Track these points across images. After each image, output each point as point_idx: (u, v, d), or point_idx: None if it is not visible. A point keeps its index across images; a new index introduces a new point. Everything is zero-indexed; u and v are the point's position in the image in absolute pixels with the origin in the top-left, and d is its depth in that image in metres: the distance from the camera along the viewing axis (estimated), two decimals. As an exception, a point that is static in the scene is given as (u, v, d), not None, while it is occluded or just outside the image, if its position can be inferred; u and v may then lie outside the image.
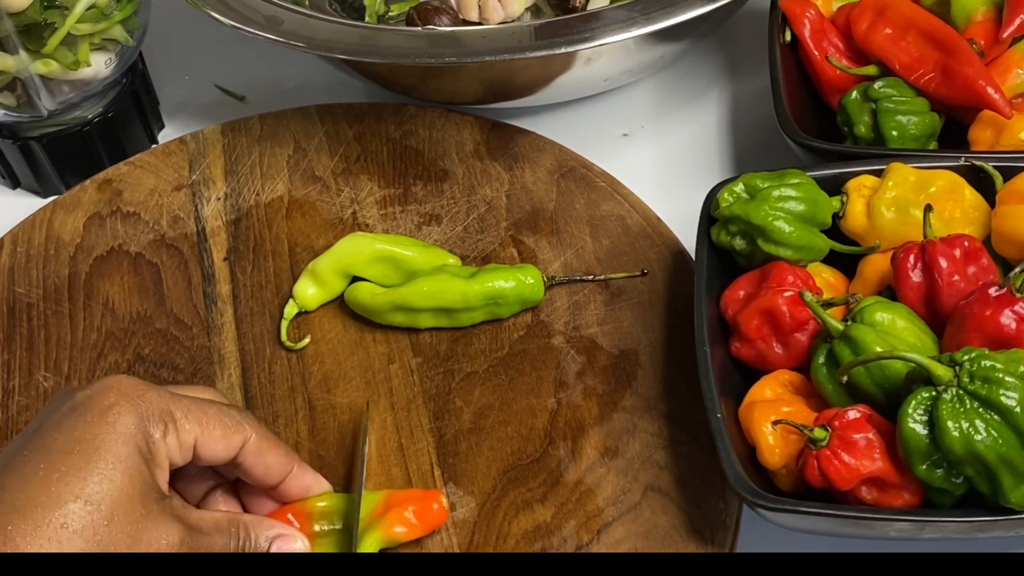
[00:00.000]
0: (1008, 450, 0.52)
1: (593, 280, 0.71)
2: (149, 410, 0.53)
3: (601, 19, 0.71)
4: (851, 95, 0.72)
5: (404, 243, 0.72)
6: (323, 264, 0.72)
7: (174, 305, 0.74)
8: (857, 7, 0.76)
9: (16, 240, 0.78)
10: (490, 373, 0.69)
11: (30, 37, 0.75)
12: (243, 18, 0.74)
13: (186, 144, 0.83)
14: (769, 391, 0.62)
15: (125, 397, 0.53)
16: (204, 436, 0.55)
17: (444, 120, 0.82)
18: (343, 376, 0.70)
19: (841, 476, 0.56)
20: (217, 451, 0.56)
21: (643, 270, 0.69)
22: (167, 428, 0.54)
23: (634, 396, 0.67)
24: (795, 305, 0.62)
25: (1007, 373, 0.53)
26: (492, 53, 0.71)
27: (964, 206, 0.64)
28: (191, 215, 0.79)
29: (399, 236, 0.74)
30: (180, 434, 0.54)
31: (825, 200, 0.65)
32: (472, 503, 0.63)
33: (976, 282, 0.60)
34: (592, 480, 0.64)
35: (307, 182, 0.80)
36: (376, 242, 0.72)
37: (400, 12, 0.90)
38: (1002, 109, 0.68)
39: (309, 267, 0.72)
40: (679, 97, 0.88)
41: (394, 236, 0.74)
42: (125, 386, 0.53)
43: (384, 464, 0.65)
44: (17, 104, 0.79)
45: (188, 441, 0.55)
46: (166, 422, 0.54)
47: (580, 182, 0.78)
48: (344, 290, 0.72)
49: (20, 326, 0.73)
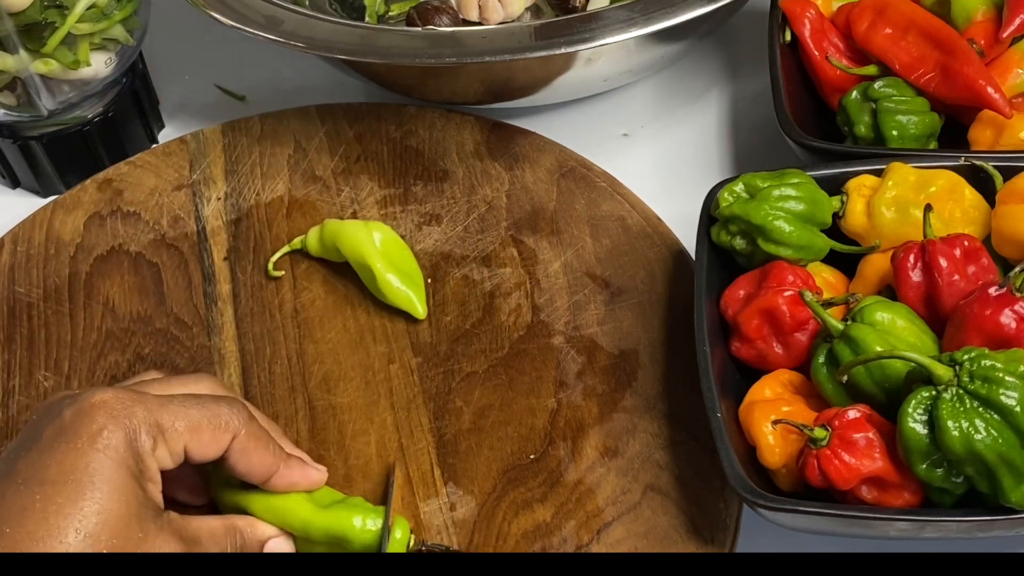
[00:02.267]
0: (1008, 450, 0.52)
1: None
2: (137, 426, 0.53)
3: (601, 19, 0.71)
4: (851, 95, 0.72)
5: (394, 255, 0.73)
6: (330, 229, 0.73)
7: (174, 305, 0.74)
8: (857, 7, 0.76)
9: (16, 240, 0.78)
10: (490, 373, 0.69)
11: (30, 37, 0.75)
12: (243, 18, 0.74)
13: (186, 144, 0.83)
14: (769, 391, 0.62)
15: (112, 418, 0.53)
16: (193, 441, 0.55)
17: (444, 120, 0.82)
18: (343, 376, 0.70)
19: (841, 476, 0.56)
20: (207, 452, 0.56)
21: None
22: (156, 441, 0.54)
23: (634, 396, 0.67)
24: (795, 305, 0.62)
25: (1007, 373, 0.53)
26: (492, 53, 0.71)
27: (964, 206, 0.64)
28: (191, 215, 0.79)
29: (395, 242, 0.74)
30: (170, 443, 0.54)
31: (825, 200, 0.65)
32: (472, 503, 0.64)
33: (976, 282, 0.60)
34: (592, 480, 0.64)
35: (307, 182, 0.80)
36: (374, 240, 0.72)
37: (400, 12, 0.90)
38: (1002, 109, 0.68)
39: (325, 224, 0.74)
40: (679, 97, 0.88)
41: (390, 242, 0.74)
42: (111, 404, 0.53)
43: (384, 464, 0.65)
44: (17, 104, 0.79)
45: (178, 449, 0.55)
46: (155, 436, 0.54)
47: (580, 182, 0.78)
48: (343, 260, 0.73)
49: (20, 326, 0.73)
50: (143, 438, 0.53)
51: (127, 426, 0.53)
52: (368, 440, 0.66)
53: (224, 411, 0.57)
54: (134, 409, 0.53)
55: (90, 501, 0.51)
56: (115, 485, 0.51)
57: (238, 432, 0.56)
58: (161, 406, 0.55)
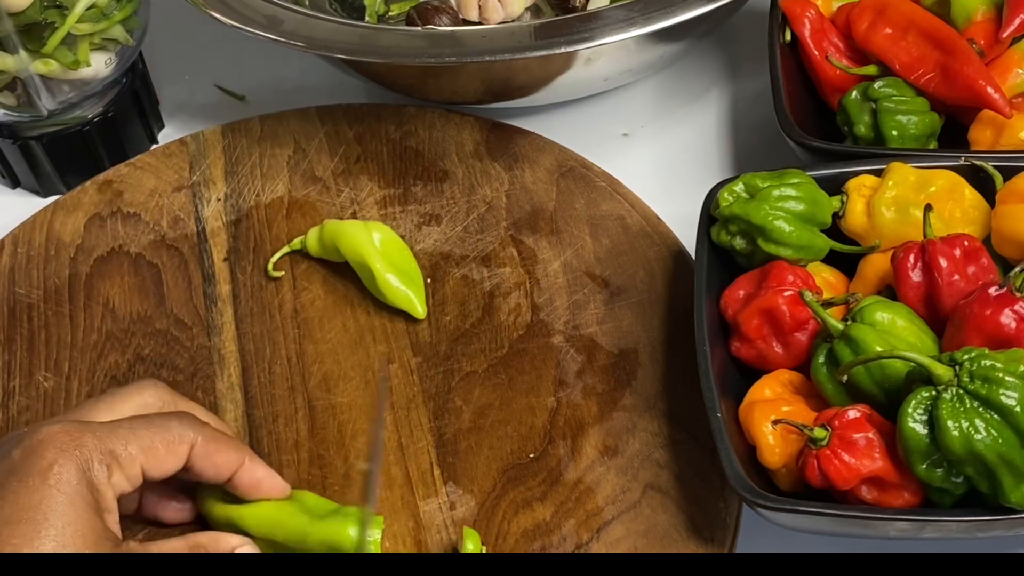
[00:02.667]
0: (1008, 450, 0.52)
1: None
2: (88, 458, 0.53)
3: (601, 19, 0.71)
4: (851, 95, 0.72)
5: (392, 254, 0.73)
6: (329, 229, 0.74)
7: (174, 305, 0.74)
8: (857, 7, 0.76)
9: (16, 241, 0.78)
10: (490, 372, 0.69)
11: (30, 37, 0.75)
12: (243, 18, 0.74)
13: (186, 145, 0.83)
14: (769, 391, 0.62)
15: (62, 452, 0.52)
16: (149, 459, 0.55)
17: (444, 120, 0.82)
18: (343, 376, 0.70)
19: (841, 476, 0.56)
20: (166, 468, 0.56)
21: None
22: (111, 468, 0.53)
23: (634, 395, 0.67)
24: (795, 305, 0.62)
25: (1007, 373, 0.53)
26: (492, 53, 0.71)
27: (964, 206, 0.64)
28: (191, 216, 0.79)
29: (395, 243, 0.74)
30: (125, 469, 0.54)
31: (825, 200, 0.65)
32: (472, 502, 0.64)
33: (976, 282, 0.60)
34: (592, 479, 0.64)
35: (307, 182, 0.80)
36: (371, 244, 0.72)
37: (400, 12, 0.90)
38: (1002, 109, 0.68)
39: (325, 224, 0.74)
40: (679, 97, 0.88)
41: (389, 244, 0.73)
42: (59, 438, 0.53)
43: (384, 463, 0.65)
44: (17, 104, 0.79)
45: (135, 472, 0.55)
46: (108, 464, 0.53)
47: (580, 182, 0.78)
48: (343, 260, 0.73)
49: (20, 327, 0.73)
50: (96, 468, 0.53)
51: (78, 458, 0.52)
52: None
53: (174, 425, 0.56)
54: (83, 439, 0.53)
55: (46, 539, 0.50)
56: (69, 520, 0.51)
57: (195, 441, 0.56)
58: (110, 432, 0.54)
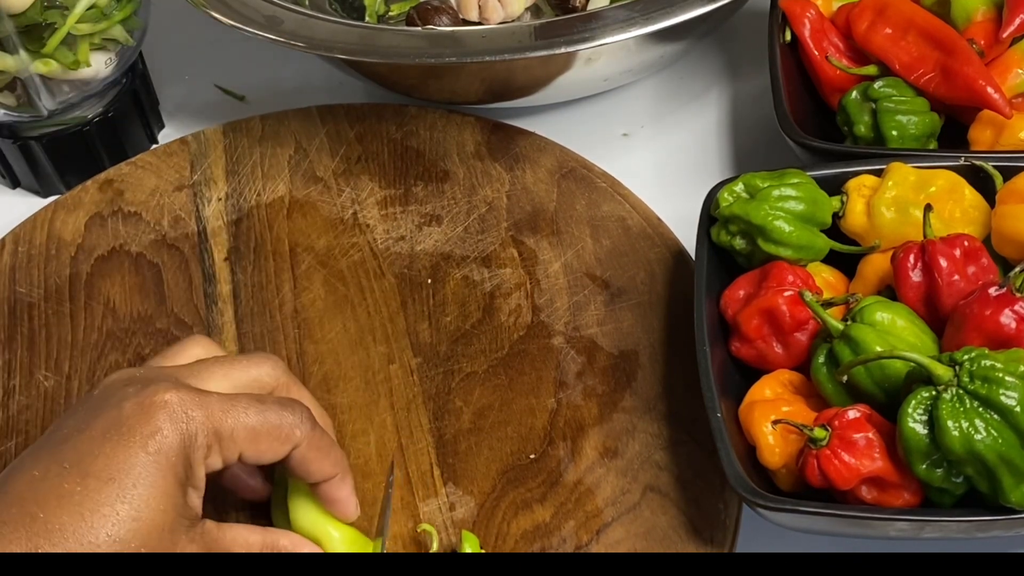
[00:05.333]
0: (1008, 450, 0.52)
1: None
2: (194, 433, 0.52)
3: (601, 19, 0.71)
4: (851, 95, 0.72)
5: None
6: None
7: (175, 305, 0.74)
8: (857, 7, 0.76)
9: (17, 240, 0.78)
10: (490, 373, 0.69)
11: (30, 37, 0.75)
12: (243, 18, 0.74)
13: (187, 144, 0.83)
14: (769, 391, 0.62)
15: (171, 421, 0.52)
16: (249, 448, 0.54)
17: (445, 121, 0.82)
18: (343, 376, 0.70)
19: (841, 476, 0.56)
20: (263, 459, 0.56)
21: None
22: (210, 448, 0.53)
23: (634, 396, 0.67)
24: (795, 305, 0.62)
25: (1007, 373, 0.53)
26: (492, 53, 0.71)
27: (964, 206, 0.64)
28: (192, 215, 0.79)
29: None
30: (225, 451, 0.54)
31: (825, 200, 0.65)
32: (471, 503, 0.64)
33: (976, 282, 0.60)
34: (591, 480, 0.64)
35: (308, 182, 0.80)
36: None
37: (400, 12, 0.90)
38: (1002, 109, 0.68)
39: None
40: (679, 97, 0.88)
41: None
42: (173, 406, 0.52)
43: (384, 465, 0.65)
44: (17, 104, 0.79)
45: (232, 456, 0.54)
46: (210, 443, 0.53)
47: (581, 183, 0.78)
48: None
49: (21, 326, 0.73)
50: (198, 444, 0.53)
51: (184, 432, 0.52)
52: (368, 440, 0.66)
53: (288, 420, 0.55)
54: (195, 414, 0.53)
55: (128, 505, 0.50)
56: (156, 492, 0.51)
57: (299, 443, 0.56)
58: (223, 412, 0.54)
